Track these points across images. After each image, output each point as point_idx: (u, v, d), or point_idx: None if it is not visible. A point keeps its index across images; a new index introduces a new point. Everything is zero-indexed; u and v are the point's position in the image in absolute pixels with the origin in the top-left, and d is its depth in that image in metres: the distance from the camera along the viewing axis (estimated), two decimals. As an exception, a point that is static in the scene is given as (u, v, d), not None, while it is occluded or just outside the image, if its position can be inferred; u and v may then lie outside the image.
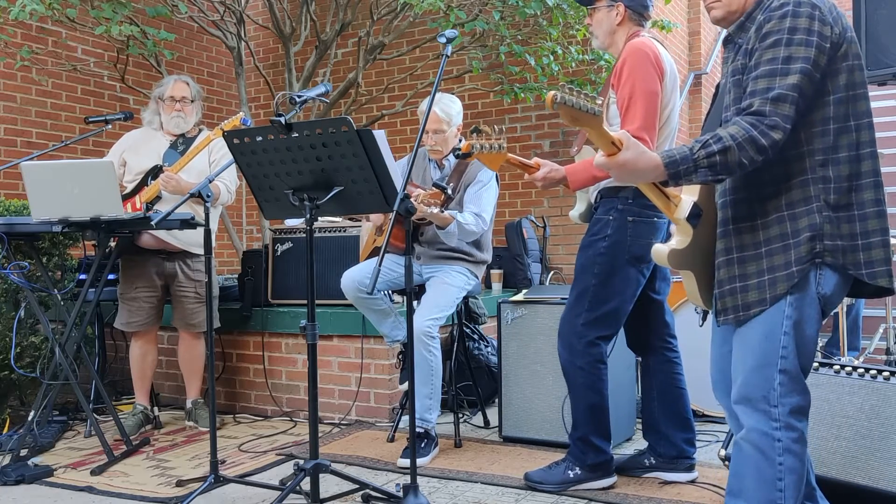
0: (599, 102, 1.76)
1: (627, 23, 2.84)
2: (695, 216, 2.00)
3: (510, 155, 2.62)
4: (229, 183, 3.85)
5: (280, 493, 2.58)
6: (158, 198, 3.73)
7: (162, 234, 3.71)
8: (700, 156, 1.80)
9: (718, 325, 2.01)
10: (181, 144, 3.91)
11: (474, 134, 2.06)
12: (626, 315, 2.86)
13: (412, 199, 2.68)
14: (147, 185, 3.77)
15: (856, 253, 1.86)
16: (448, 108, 3.47)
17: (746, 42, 1.91)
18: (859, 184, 1.87)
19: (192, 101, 3.93)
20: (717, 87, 2.11)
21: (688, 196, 2.03)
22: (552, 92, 1.74)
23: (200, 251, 3.81)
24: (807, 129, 1.86)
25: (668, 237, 2.85)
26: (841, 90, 1.86)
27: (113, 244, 3.66)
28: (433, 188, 3.11)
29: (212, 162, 3.81)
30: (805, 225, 1.85)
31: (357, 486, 2.78)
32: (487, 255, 3.62)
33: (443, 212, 3.21)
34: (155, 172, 3.78)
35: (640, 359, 3.08)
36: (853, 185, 1.87)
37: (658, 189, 1.96)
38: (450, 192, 3.13)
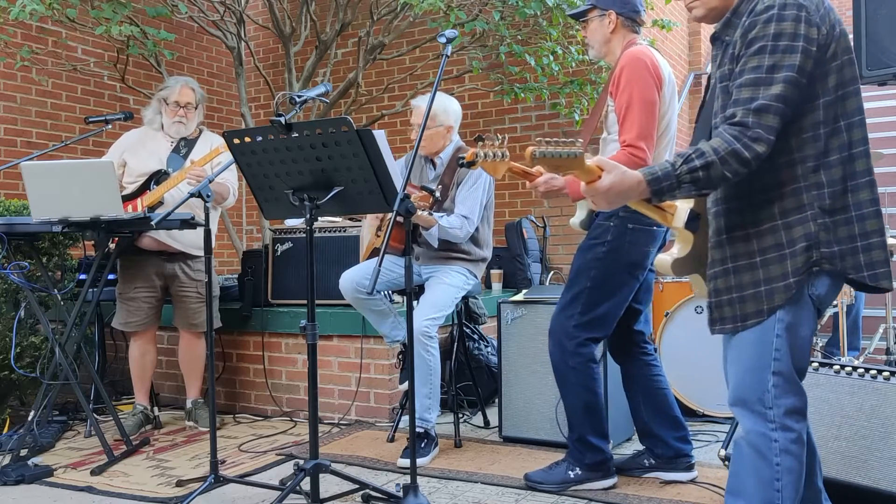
0: (579, 143, 1.76)
1: (621, 30, 2.86)
2: (693, 221, 1.99)
3: (513, 163, 2.64)
4: (234, 181, 3.86)
5: (280, 493, 2.58)
6: (160, 203, 3.73)
7: (162, 236, 3.71)
8: (682, 171, 1.78)
9: (712, 334, 1.98)
10: (183, 147, 3.91)
11: (478, 142, 2.08)
12: (618, 318, 2.87)
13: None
14: (150, 190, 3.76)
15: (856, 256, 1.83)
16: (436, 105, 3.47)
17: (733, 46, 1.88)
18: (855, 184, 1.84)
19: (195, 108, 3.93)
20: (709, 79, 2.10)
21: (683, 203, 2.02)
22: (530, 148, 1.75)
23: (200, 253, 3.81)
24: (797, 136, 1.83)
25: (663, 245, 2.87)
26: (830, 92, 1.82)
27: (112, 245, 3.65)
28: (422, 191, 3.13)
29: (214, 165, 3.80)
30: (800, 234, 1.82)
31: (357, 486, 2.78)
32: (487, 252, 3.62)
33: (431, 214, 3.23)
34: (158, 178, 3.77)
35: (620, 366, 3.09)
36: (848, 186, 1.83)
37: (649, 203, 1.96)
38: (437, 195, 3.15)
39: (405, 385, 3.77)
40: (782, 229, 1.85)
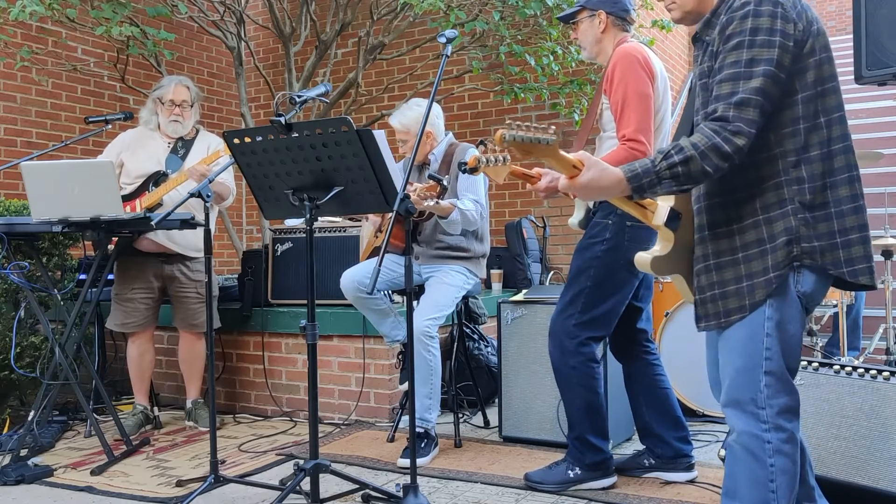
0: (552, 131, 1.76)
1: (612, 29, 2.88)
2: (673, 220, 1.99)
3: (514, 166, 2.64)
4: (231, 181, 3.86)
5: (280, 493, 2.58)
6: (159, 205, 3.72)
7: (160, 238, 3.71)
8: (662, 167, 1.79)
9: (699, 331, 2.00)
10: (181, 148, 3.90)
11: (480, 147, 2.08)
12: (619, 317, 2.87)
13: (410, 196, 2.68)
14: (148, 191, 3.76)
15: (835, 252, 1.84)
16: (402, 118, 3.51)
17: (712, 43, 1.89)
18: (834, 181, 1.85)
19: (191, 106, 3.92)
20: (692, 83, 2.10)
21: (663, 202, 2.02)
22: (499, 131, 1.73)
23: (198, 254, 3.81)
24: (777, 131, 1.84)
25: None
26: (809, 88, 1.83)
27: (111, 245, 3.65)
28: (429, 181, 3.13)
29: (212, 166, 3.80)
30: (781, 229, 1.84)
31: (357, 486, 2.78)
32: (486, 247, 3.62)
33: (438, 203, 3.23)
34: (156, 179, 3.77)
35: (622, 365, 3.08)
36: (827, 182, 1.85)
37: (630, 200, 1.96)
38: (445, 183, 3.15)
39: (405, 385, 3.77)
40: (763, 224, 1.86)
